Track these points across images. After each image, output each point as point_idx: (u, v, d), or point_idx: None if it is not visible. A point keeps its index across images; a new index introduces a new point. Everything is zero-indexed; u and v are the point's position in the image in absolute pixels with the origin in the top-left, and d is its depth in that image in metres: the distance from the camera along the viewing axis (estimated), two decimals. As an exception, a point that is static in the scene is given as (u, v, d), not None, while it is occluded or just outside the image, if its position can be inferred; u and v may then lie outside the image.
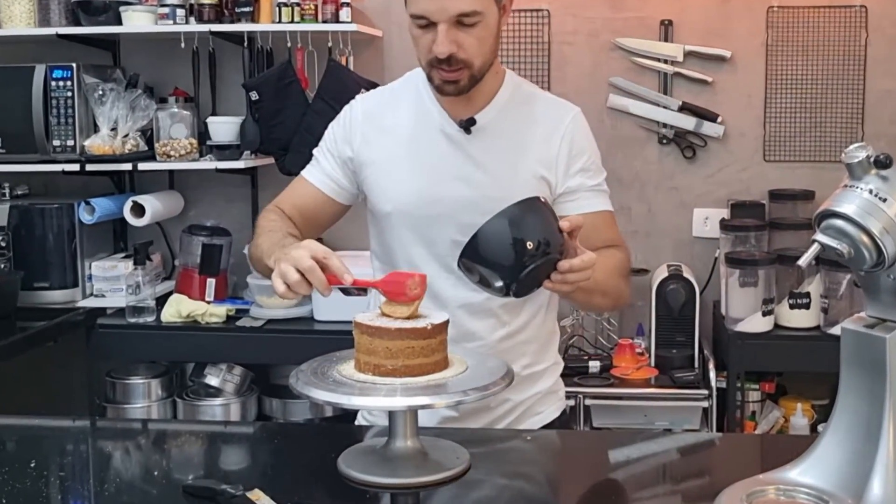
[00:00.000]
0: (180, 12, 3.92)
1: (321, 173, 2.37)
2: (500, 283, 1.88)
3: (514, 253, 1.84)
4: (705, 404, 3.66)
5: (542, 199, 1.91)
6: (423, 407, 1.81)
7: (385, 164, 2.28)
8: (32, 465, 1.95)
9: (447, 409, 2.24)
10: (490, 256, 1.86)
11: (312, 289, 1.91)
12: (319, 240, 2.03)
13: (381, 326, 1.82)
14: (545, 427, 2.36)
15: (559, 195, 2.27)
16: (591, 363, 3.82)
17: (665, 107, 4.11)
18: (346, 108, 2.38)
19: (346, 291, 3.66)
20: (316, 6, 3.89)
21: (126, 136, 3.90)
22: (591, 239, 2.00)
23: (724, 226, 3.93)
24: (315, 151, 2.41)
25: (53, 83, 3.82)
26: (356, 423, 2.40)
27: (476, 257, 1.87)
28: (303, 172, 2.41)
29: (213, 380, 3.88)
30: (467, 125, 2.24)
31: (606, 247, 2.22)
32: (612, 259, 2.22)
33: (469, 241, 1.87)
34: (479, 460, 1.91)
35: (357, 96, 2.40)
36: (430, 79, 2.20)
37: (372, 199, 2.32)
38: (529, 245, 1.84)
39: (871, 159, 1.57)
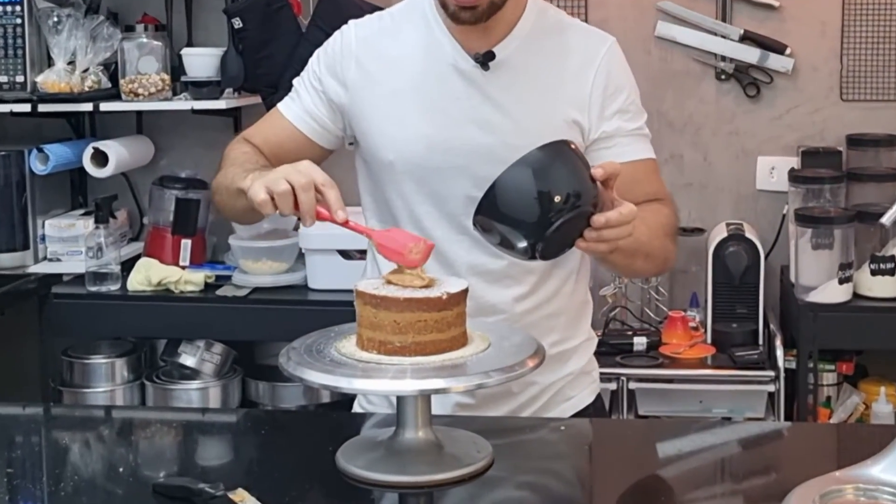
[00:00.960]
0: (149, -77, 3.91)
1: (301, 109, 2.35)
2: (523, 244, 1.87)
3: (539, 207, 1.83)
4: (771, 388, 3.66)
5: (570, 143, 1.90)
6: (437, 391, 1.80)
7: (386, 103, 2.26)
8: (-24, 459, 1.96)
9: (463, 394, 2.23)
10: (510, 212, 1.85)
11: (295, 211, 1.90)
12: None
13: (387, 296, 1.82)
14: (577, 414, 2.37)
15: (593, 141, 2.26)
16: (636, 340, 3.82)
17: (724, 36, 4.09)
18: (336, 34, 2.35)
19: (345, 255, 3.69)
20: (310, -86, 3.88)
21: (86, 70, 3.89)
22: (633, 192, 2.00)
23: (794, 177, 3.91)
24: (295, 82, 2.39)
25: (0, 9, 3.82)
26: (353, 410, 2.40)
27: (494, 214, 1.86)
28: (279, 105, 2.39)
29: (188, 359, 3.89)
30: (485, 60, 2.22)
31: (649, 201, 2.21)
32: (657, 215, 2.22)
33: (485, 195, 1.86)
34: (502, 454, 1.91)
35: (350, 21, 2.37)
36: (442, 5, 2.19)
37: (368, 145, 2.30)
38: (557, 198, 1.83)
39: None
